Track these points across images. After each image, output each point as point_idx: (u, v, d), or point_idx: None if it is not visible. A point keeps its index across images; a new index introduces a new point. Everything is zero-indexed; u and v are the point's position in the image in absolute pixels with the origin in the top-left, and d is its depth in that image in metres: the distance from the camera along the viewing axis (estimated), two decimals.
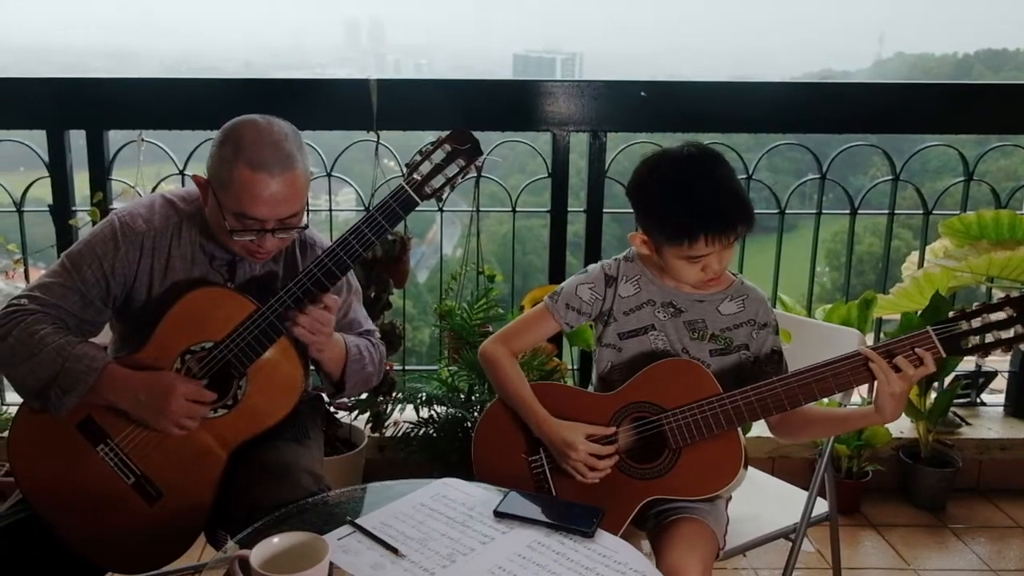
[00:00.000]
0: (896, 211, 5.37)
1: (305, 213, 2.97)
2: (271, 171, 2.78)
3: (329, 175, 5.08)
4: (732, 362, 3.16)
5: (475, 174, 3.11)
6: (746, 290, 3.17)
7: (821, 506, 3.47)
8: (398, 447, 4.83)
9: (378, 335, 3.39)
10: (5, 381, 5.19)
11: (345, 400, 4.87)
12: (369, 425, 5.03)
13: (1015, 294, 2.74)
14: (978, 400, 5.62)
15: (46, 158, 5.00)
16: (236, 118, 2.89)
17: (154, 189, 4.81)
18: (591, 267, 3.28)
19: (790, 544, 3.38)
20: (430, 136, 3.04)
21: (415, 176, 2.93)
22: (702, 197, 2.93)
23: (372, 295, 4.63)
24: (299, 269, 3.10)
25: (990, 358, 3.01)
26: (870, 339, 4.52)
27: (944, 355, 2.76)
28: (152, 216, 3.01)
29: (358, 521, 2.58)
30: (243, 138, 2.81)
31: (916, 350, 2.76)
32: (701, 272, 3.02)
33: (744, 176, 5.12)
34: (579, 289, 3.23)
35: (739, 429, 2.97)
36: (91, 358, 2.83)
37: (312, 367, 3.17)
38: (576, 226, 5.20)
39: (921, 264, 5.22)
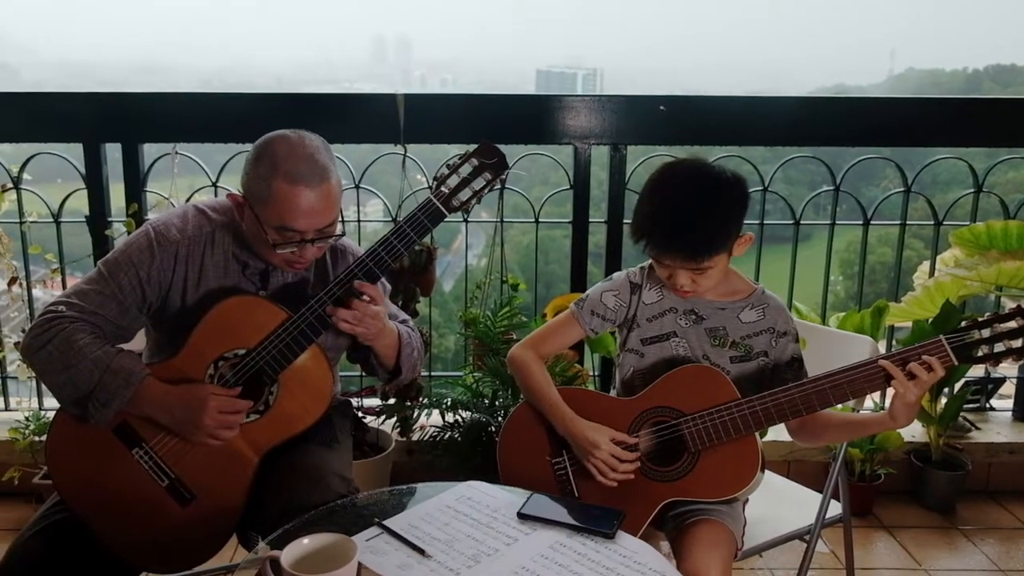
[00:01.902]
0: (908, 222, 5.35)
1: (340, 221, 2.98)
2: (308, 183, 2.80)
3: (357, 187, 5.08)
4: (752, 369, 3.15)
5: (500, 186, 3.11)
6: (766, 299, 3.17)
7: (835, 508, 3.47)
8: (424, 451, 4.84)
9: (412, 323, 3.41)
10: (43, 387, 5.20)
11: (378, 402, 4.90)
12: (396, 429, 5.03)
13: None
14: (987, 405, 5.61)
15: (83, 170, 5.02)
16: (267, 134, 2.90)
17: (187, 200, 4.81)
18: (616, 275, 3.28)
19: (805, 545, 3.38)
20: (455, 149, 3.04)
21: (443, 189, 2.94)
22: (656, 210, 2.96)
23: (400, 303, 4.63)
24: (330, 274, 3.15)
25: (999, 365, 2.99)
26: (882, 346, 4.50)
27: (956, 363, 2.76)
28: (185, 226, 3.02)
29: (386, 523, 2.59)
30: (277, 153, 2.82)
31: (924, 357, 2.76)
32: (668, 279, 3.06)
33: (760, 188, 5.13)
34: (604, 296, 3.23)
35: (756, 433, 2.96)
36: (128, 372, 2.83)
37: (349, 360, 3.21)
38: (597, 236, 5.20)
39: (932, 273, 5.21)
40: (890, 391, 2.82)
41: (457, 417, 4.80)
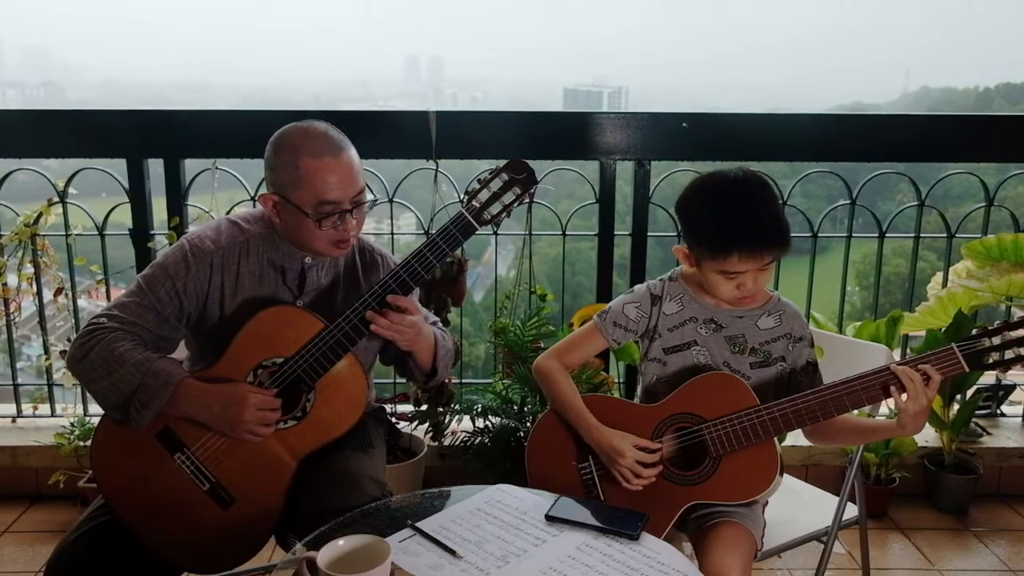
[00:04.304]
0: (921, 234, 5.33)
1: (368, 190, 3.02)
2: (332, 154, 2.87)
3: (391, 200, 5.08)
4: (772, 374, 3.15)
5: (528, 200, 3.13)
6: (783, 306, 3.17)
7: (851, 511, 3.45)
8: (456, 455, 4.83)
9: (440, 323, 3.43)
10: (88, 394, 5.22)
11: (411, 408, 4.90)
12: (429, 435, 5.03)
13: None
14: (998, 411, 5.58)
15: (127, 185, 5.02)
16: (277, 131, 2.98)
17: (227, 214, 4.82)
18: (637, 287, 3.28)
19: (822, 546, 3.37)
20: (485, 164, 3.04)
21: (474, 203, 2.95)
22: (739, 216, 2.92)
23: (431, 313, 4.64)
24: (360, 280, 3.19)
25: (1010, 372, 2.99)
26: (897, 354, 4.49)
27: (968, 370, 2.75)
28: (219, 236, 3.06)
29: (418, 524, 2.58)
30: (294, 139, 2.90)
31: (920, 366, 2.78)
32: (736, 289, 3.01)
33: (779, 202, 5.12)
34: (626, 308, 3.23)
35: (775, 438, 2.96)
36: (168, 373, 2.85)
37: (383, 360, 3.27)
38: (622, 248, 5.19)
39: (945, 284, 5.20)
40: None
41: (487, 423, 4.79)
